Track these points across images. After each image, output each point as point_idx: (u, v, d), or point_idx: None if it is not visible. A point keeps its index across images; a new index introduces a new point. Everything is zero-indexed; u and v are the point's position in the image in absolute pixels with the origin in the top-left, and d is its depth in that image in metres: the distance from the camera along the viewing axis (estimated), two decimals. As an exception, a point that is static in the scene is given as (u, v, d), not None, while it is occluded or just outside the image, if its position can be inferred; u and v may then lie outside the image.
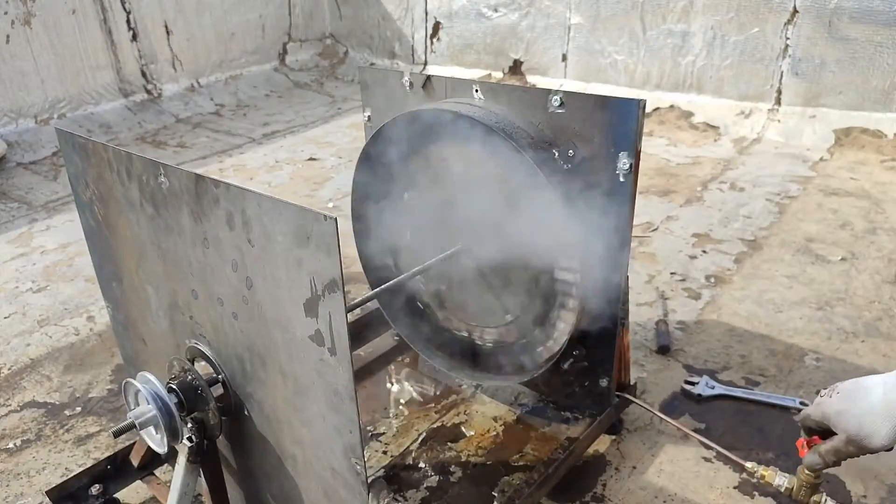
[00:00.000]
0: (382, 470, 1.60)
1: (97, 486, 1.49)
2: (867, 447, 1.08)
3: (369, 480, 1.53)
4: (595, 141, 1.34)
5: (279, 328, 0.98)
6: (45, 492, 1.45)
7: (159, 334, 1.32)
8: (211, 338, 1.15)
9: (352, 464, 0.97)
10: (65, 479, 1.48)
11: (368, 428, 1.74)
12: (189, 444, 1.14)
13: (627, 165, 1.31)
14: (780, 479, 1.33)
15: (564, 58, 4.70)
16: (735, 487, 1.55)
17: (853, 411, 1.08)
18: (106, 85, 4.57)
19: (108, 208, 1.27)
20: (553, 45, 4.73)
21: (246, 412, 1.14)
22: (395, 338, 1.96)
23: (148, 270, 1.24)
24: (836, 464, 1.15)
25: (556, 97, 1.35)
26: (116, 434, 1.10)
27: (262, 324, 1.01)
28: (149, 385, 1.11)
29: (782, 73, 3.90)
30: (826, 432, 1.23)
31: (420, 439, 1.69)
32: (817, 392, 1.22)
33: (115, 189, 1.20)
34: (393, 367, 1.96)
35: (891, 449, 1.05)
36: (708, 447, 1.58)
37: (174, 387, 1.12)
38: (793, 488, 1.30)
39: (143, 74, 4.79)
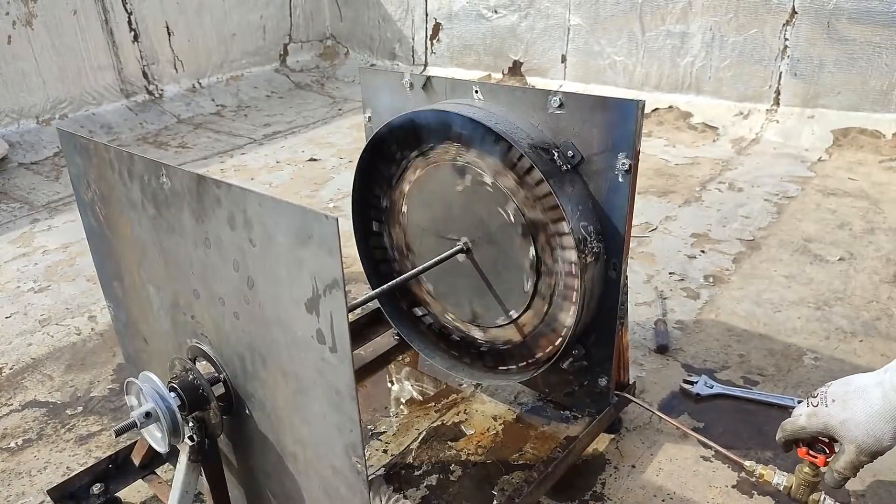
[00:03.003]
0: (383, 468, 1.61)
1: (98, 485, 1.49)
2: (877, 451, 1.07)
3: (369, 479, 1.54)
4: (594, 141, 1.34)
5: (280, 327, 0.98)
6: (47, 491, 1.45)
7: (161, 334, 1.32)
8: (212, 337, 1.16)
9: (353, 462, 0.97)
10: (66, 478, 1.48)
11: (369, 427, 1.75)
12: (190, 443, 1.15)
13: (626, 166, 1.32)
14: (779, 478, 1.34)
15: (564, 59, 4.71)
16: (734, 486, 1.56)
17: (857, 418, 1.07)
18: (107, 85, 4.57)
19: (110, 208, 1.27)
20: (552, 46, 4.74)
21: (247, 411, 1.15)
22: (395, 337, 1.97)
23: (149, 270, 1.25)
24: (855, 475, 1.14)
25: (555, 98, 1.36)
26: (118, 433, 1.11)
27: (263, 323, 1.02)
28: (150, 384, 1.12)
29: (781, 73, 3.91)
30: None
31: (420, 438, 1.70)
32: (804, 401, 1.21)
33: (116, 189, 1.21)
34: (393, 367, 1.97)
35: None
36: (707, 446, 1.59)
37: (175, 386, 1.12)
38: (791, 487, 1.31)
39: (145, 75, 4.80)
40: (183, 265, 1.14)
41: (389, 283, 1.57)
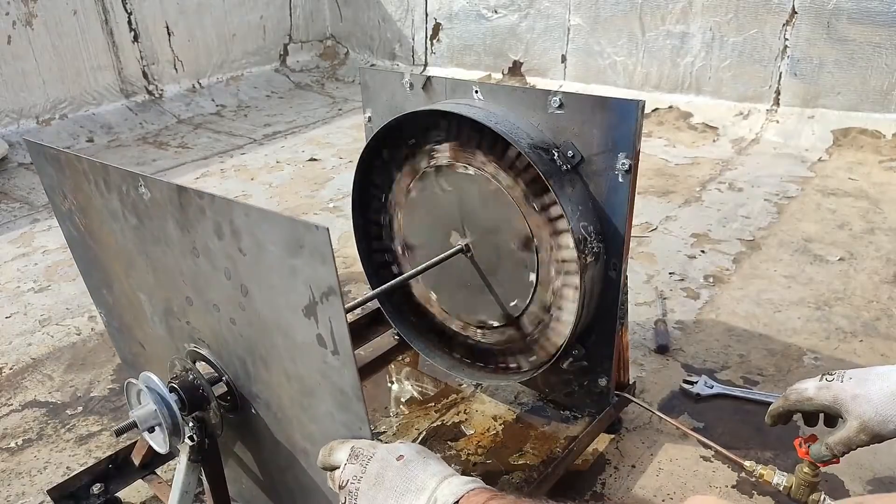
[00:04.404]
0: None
1: (98, 485, 1.49)
2: (881, 434, 1.05)
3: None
4: (594, 141, 1.34)
5: (279, 333, 0.98)
6: (47, 491, 1.45)
7: (157, 338, 1.31)
8: (210, 342, 1.15)
9: None
10: (66, 478, 1.48)
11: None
12: (191, 443, 1.15)
13: (626, 166, 1.32)
14: (779, 478, 1.34)
15: (564, 59, 4.71)
16: (734, 486, 1.56)
17: (871, 396, 1.05)
18: (107, 86, 4.58)
19: (90, 218, 1.24)
20: (552, 46, 4.74)
21: (253, 410, 1.14)
22: (395, 337, 1.97)
23: (138, 278, 1.23)
24: (843, 454, 1.12)
25: (555, 98, 1.36)
26: (118, 433, 1.11)
27: (261, 329, 1.01)
28: (150, 384, 1.11)
29: (781, 73, 3.91)
30: (810, 417, 1.21)
31: (420, 438, 1.70)
32: (821, 377, 1.18)
33: (94, 200, 1.18)
34: (393, 367, 1.97)
35: None
36: (707, 446, 1.59)
37: (175, 386, 1.12)
38: (791, 487, 1.31)
39: (145, 75, 4.80)
40: (173, 273, 1.12)
41: (389, 283, 1.57)
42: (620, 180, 1.34)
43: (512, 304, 1.57)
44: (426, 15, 5.33)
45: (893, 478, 1.56)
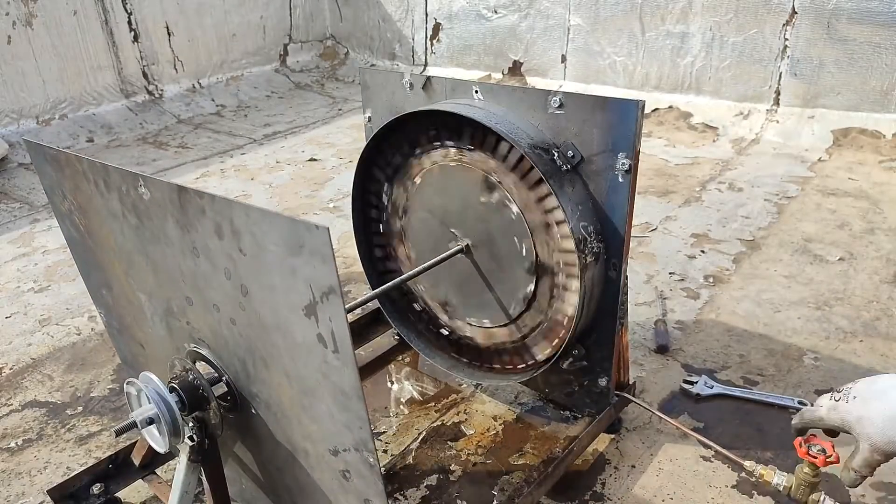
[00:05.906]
0: (383, 469, 1.61)
1: (98, 485, 1.49)
2: (891, 452, 1.09)
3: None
4: (594, 141, 1.34)
5: (279, 333, 0.98)
6: (47, 491, 1.46)
7: (157, 339, 1.31)
8: (210, 342, 1.15)
9: (364, 457, 0.97)
10: (66, 478, 1.48)
11: (369, 427, 1.75)
12: (190, 443, 1.15)
13: (626, 166, 1.32)
14: (779, 478, 1.34)
15: (564, 59, 4.71)
16: (734, 486, 1.56)
17: (874, 417, 1.09)
18: (107, 86, 4.58)
19: (89, 219, 1.24)
20: (552, 46, 4.74)
21: (253, 410, 1.15)
22: (395, 337, 1.97)
23: (138, 278, 1.23)
24: (871, 474, 1.16)
25: (555, 98, 1.36)
26: (118, 433, 1.11)
27: (261, 329, 1.01)
28: (150, 384, 1.11)
29: (781, 73, 3.91)
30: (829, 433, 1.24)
31: (420, 438, 1.70)
32: (823, 393, 1.23)
33: (94, 200, 1.18)
34: (393, 367, 1.97)
35: None
36: (707, 446, 1.59)
37: (175, 386, 1.12)
38: (791, 487, 1.31)
39: (145, 75, 4.80)
40: (172, 273, 1.12)
41: (389, 283, 1.57)
42: (620, 180, 1.34)
43: (512, 303, 1.57)
44: (426, 15, 5.33)
45: (894, 479, 1.56)
